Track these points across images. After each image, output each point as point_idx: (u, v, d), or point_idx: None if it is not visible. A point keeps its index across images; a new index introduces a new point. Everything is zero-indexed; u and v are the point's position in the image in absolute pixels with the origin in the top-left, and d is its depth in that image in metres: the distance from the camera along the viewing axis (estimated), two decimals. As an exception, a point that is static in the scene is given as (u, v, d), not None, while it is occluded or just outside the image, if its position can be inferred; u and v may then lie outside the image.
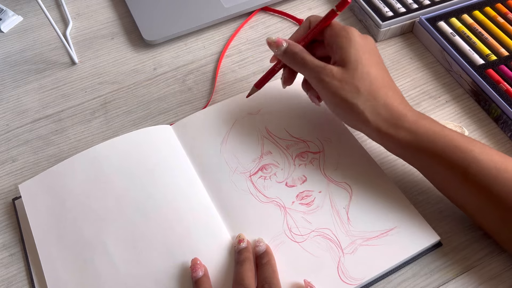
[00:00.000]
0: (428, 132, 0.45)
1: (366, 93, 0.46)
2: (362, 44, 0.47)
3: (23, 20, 0.71)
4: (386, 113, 0.46)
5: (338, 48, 0.47)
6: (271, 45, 0.50)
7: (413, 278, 0.45)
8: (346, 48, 0.47)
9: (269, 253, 0.45)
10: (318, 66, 0.47)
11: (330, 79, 0.46)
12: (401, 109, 0.46)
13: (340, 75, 0.46)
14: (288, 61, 0.50)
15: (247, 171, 0.51)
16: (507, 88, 0.56)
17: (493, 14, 0.64)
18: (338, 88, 0.46)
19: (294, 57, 0.49)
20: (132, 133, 0.53)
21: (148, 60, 0.65)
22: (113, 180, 0.50)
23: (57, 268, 0.46)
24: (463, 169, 0.43)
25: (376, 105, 0.46)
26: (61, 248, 0.47)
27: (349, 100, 0.46)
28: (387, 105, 0.46)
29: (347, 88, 0.46)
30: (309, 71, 0.48)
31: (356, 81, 0.46)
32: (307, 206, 0.48)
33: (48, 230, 0.48)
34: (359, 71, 0.46)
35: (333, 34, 0.48)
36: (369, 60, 0.47)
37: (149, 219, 0.47)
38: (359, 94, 0.46)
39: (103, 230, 0.47)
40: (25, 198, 0.50)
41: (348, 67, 0.46)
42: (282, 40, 0.49)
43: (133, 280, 0.44)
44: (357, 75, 0.46)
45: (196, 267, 0.43)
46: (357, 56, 0.46)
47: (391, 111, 0.46)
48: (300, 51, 0.49)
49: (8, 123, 0.59)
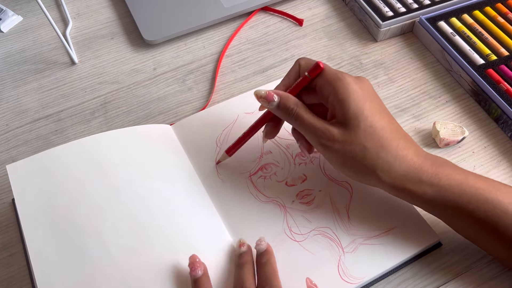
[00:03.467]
0: (450, 183, 0.41)
1: (374, 150, 0.41)
2: (360, 91, 0.42)
3: (23, 20, 0.71)
4: (401, 168, 0.41)
5: (334, 102, 0.42)
6: (261, 100, 0.45)
7: (413, 278, 0.45)
8: (343, 101, 0.42)
9: (269, 252, 0.44)
10: (317, 129, 0.43)
11: (332, 143, 0.42)
12: (417, 160, 0.42)
13: (343, 136, 0.42)
14: (282, 116, 0.45)
15: (247, 171, 0.51)
16: (507, 88, 0.56)
17: (493, 14, 0.64)
18: (343, 151, 0.42)
19: (289, 113, 0.44)
20: (132, 127, 0.53)
21: (148, 60, 0.65)
22: (113, 170, 0.49)
23: (45, 253, 0.44)
24: (493, 222, 0.41)
25: (388, 161, 0.41)
26: (52, 233, 0.45)
27: (357, 161, 0.42)
28: (401, 159, 0.41)
29: (352, 149, 0.41)
30: (307, 132, 0.44)
31: (361, 139, 0.41)
32: (307, 205, 0.48)
33: (37, 214, 0.46)
34: (362, 127, 0.41)
35: (326, 84, 0.43)
36: (371, 109, 0.42)
37: (149, 212, 0.47)
38: (366, 153, 0.41)
39: (100, 218, 0.46)
40: (13, 179, 0.48)
41: (350, 124, 0.41)
42: (273, 94, 0.44)
43: (129, 270, 0.43)
44: (361, 132, 0.41)
45: (196, 265, 0.42)
46: (358, 109, 0.41)
47: (406, 165, 0.41)
48: (295, 105, 0.44)
49: (8, 123, 0.59)
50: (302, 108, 0.44)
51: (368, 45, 0.65)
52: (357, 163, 0.42)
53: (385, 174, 0.41)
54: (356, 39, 0.66)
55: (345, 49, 0.65)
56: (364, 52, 0.64)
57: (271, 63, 0.64)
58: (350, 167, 0.43)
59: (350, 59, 0.64)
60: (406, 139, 0.43)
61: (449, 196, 0.41)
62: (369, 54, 0.64)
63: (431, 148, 0.54)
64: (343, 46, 0.65)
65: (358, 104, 0.42)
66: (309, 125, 0.43)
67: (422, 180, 0.41)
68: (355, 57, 0.64)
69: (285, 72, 0.61)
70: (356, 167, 0.42)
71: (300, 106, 0.44)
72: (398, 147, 0.41)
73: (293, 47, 0.65)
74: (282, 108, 0.44)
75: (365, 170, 0.42)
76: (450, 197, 0.41)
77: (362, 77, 0.45)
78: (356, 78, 0.44)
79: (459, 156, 0.54)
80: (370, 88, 0.44)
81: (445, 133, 0.54)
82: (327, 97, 0.43)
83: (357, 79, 0.44)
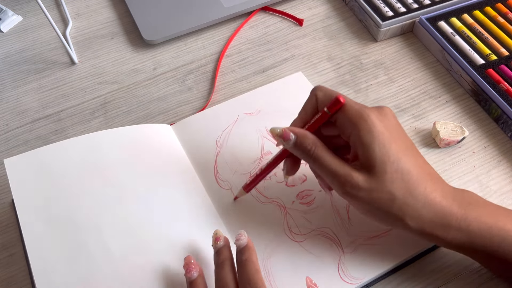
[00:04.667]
0: (480, 227, 0.39)
1: (402, 197, 0.39)
2: (386, 133, 0.39)
3: (22, 20, 0.71)
4: (429, 213, 0.39)
5: (357, 144, 0.40)
6: (277, 138, 0.42)
7: (413, 278, 0.45)
8: (368, 145, 0.39)
9: (250, 248, 0.41)
10: (339, 175, 0.39)
11: (357, 191, 0.39)
12: (446, 203, 0.39)
13: (368, 184, 0.39)
14: (299, 155, 0.42)
15: (247, 171, 0.51)
16: (507, 88, 0.56)
17: (494, 14, 0.64)
18: (368, 199, 0.39)
19: (306, 153, 0.41)
20: (132, 126, 0.53)
21: (148, 60, 0.65)
22: (112, 168, 0.49)
23: (44, 250, 0.44)
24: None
25: (416, 206, 0.39)
26: (51, 229, 0.45)
27: (384, 210, 0.39)
28: (429, 203, 0.39)
29: (379, 197, 0.39)
30: (328, 177, 0.40)
31: (388, 186, 0.39)
32: (307, 205, 0.48)
33: (36, 210, 0.46)
34: (388, 172, 0.39)
35: (348, 122, 0.40)
36: (398, 152, 0.39)
37: (148, 211, 0.47)
38: (394, 201, 0.39)
39: (100, 215, 0.46)
40: (11, 173, 0.48)
41: (375, 170, 0.39)
42: (289, 133, 0.41)
43: (128, 269, 0.43)
44: (388, 178, 0.39)
45: (190, 267, 0.41)
46: (384, 154, 0.39)
47: (434, 210, 0.39)
48: (314, 145, 0.41)
49: (8, 123, 0.59)
50: (321, 148, 0.41)
51: (368, 45, 0.65)
52: (383, 212, 0.39)
53: (413, 221, 0.39)
54: (356, 39, 0.66)
55: (345, 49, 0.65)
56: (364, 52, 0.64)
57: (271, 63, 0.64)
58: (376, 215, 0.40)
59: (350, 59, 0.64)
60: (432, 178, 0.40)
61: (479, 241, 0.39)
62: (369, 54, 0.64)
63: (431, 148, 0.54)
64: (343, 46, 0.65)
65: (384, 148, 0.39)
66: (330, 170, 0.40)
67: (451, 225, 0.39)
68: (355, 57, 0.64)
69: (285, 72, 0.62)
70: (383, 215, 0.40)
71: (319, 145, 0.41)
72: (425, 190, 0.39)
73: (293, 47, 0.65)
74: (299, 148, 0.41)
75: (393, 218, 0.40)
76: (480, 242, 0.39)
77: (384, 108, 0.42)
78: (378, 112, 0.41)
79: (459, 156, 0.54)
80: (394, 122, 0.41)
81: (445, 133, 0.54)
82: (349, 135, 0.40)
83: (380, 114, 0.41)
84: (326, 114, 0.41)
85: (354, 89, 0.60)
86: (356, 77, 0.61)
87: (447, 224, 0.39)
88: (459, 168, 0.53)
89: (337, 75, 0.62)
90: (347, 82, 0.61)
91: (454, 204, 0.40)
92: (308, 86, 0.58)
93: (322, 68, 0.63)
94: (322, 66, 0.63)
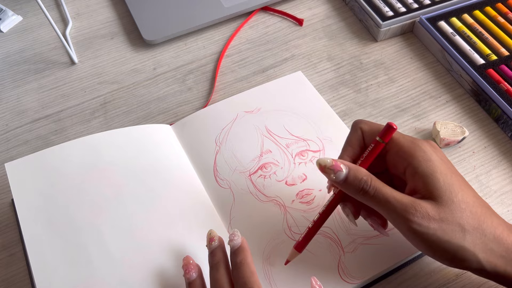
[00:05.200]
0: None
1: (472, 230, 0.36)
2: (444, 163, 0.37)
3: (22, 20, 0.71)
4: (499, 248, 0.36)
5: (418, 175, 0.37)
6: (325, 171, 0.38)
7: (413, 278, 0.45)
8: (431, 174, 0.37)
9: (245, 249, 0.40)
10: (405, 206, 0.36)
11: (428, 222, 0.36)
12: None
13: (438, 214, 0.36)
14: (353, 191, 0.38)
15: (247, 170, 0.51)
16: (508, 88, 0.56)
17: (494, 14, 0.64)
18: (438, 231, 0.36)
19: (362, 186, 0.37)
20: (132, 127, 0.53)
21: (148, 60, 0.65)
22: (112, 169, 0.49)
23: (44, 251, 0.44)
24: None
25: (486, 241, 0.36)
26: (51, 231, 0.45)
27: (455, 244, 0.36)
28: (498, 238, 0.37)
29: (451, 229, 0.36)
30: (388, 210, 0.37)
31: (457, 217, 0.36)
32: (307, 204, 0.48)
33: (36, 212, 0.46)
34: (456, 202, 0.36)
35: (404, 154, 0.38)
36: (459, 182, 0.37)
37: (148, 212, 0.47)
38: (465, 234, 0.36)
39: (99, 217, 0.46)
40: (12, 177, 0.48)
41: (443, 200, 0.36)
42: (340, 164, 0.38)
43: (128, 269, 0.43)
44: (456, 209, 0.36)
45: (190, 267, 0.41)
46: (447, 181, 0.37)
47: (505, 245, 0.37)
48: (369, 176, 0.38)
49: (8, 123, 0.59)
50: (379, 182, 0.37)
51: (368, 45, 0.65)
52: (454, 248, 0.36)
53: (485, 257, 0.36)
54: (356, 39, 0.66)
55: (345, 49, 0.65)
56: (364, 52, 0.64)
57: (271, 63, 0.64)
58: (444, 253, 0.37)
59: (350, 59, 0.64)
60: (493, 212, 0.38)
61: None
62: (369, 54, 0.64)
63: (431, 148, 0.54)
64: (343, 46, 0.65)
65: (447, 177, 0.37)
66: (393, 202, 0.36)
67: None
68: (355, 57, 0.64)
69: (285, 72, 0.62)
70: (452, 252, 0.36)
71: (374, 178, 0.38)
72: (492, 224, 0.37)
73: (293, 47, 0.65)
74: (353, 181, 0.38)
75: (463, 254, 0.36)
76: None
77: (431, 141, 0.40)
78: (430, 144, 0.39)
79: (459, 156, 0.54)
80: (443, 154, 0.40)
81: (445, 133, 0.53)
82: (403, 168, 0.38)
83: (431, 145, 0.39)
84: (380, 144, 0.39)
85: (354, 89, 0.60)
86: (356, 77, 0.61)
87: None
88: (460, 168, 0.53)
89: (337, 75, 0.62)
90: (347, 82, 0.61)
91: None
92: (307, 85, 0.58)
93: (322, 68, 0.63)
94: (322, 66, 0.63)
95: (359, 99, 0.59)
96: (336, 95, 0.60)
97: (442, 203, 0.36)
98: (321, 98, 0.57)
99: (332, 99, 0.59)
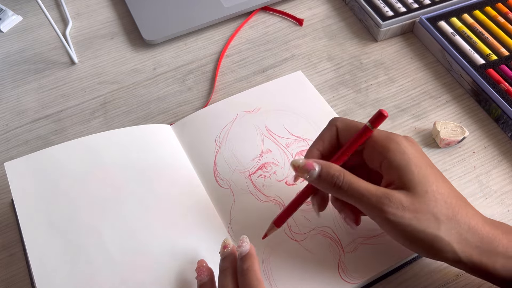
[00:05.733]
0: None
1: (446, 220, 0.37)
2: (419, 155, 0.38)
3: (22, 20, 0.71)
4: (474, 238, 0.37)
5: (393, 168, 0.38)
6: (299, 171, 0.39)
7: (413, 278, 0.45)
8: (405, 166, 0.38)
9: (252, 256, 0.40)
10: (379, 197, 0.37)
11: (402, 212, 0.36)
12: (489, 230, 0.38)
13: (412, 204, 0.37)
14: (326, 187, 0.39)
15: (247, 170, 0.51)
16: (508, 88, 0.56)
17: (494, 14, 0.64)
18: (413, 221, 0.36)
19: (335, 182, 0.38)
20: (132, 127, 0.53)
21: (148, 60, 0.65)
22: (112, 170, 0.49)
23: (44, 252, 0.44)
24: None
25: (461, 231, 0.37)
26: (51, 232, 0.45)
27: (430, 233, 0.37)
28: (473, 228, 0.37)
29: (425, 218, 0.36)
30: (364, 202, 0.38)
31: (431, 207, 0.37)
32: (307, 204, 0.48)
33: (36, 212, 0.46)
34: (430, 192, 0.37)
35: (379, 148, 0.39)
36: (434, 174, 0.38)
37: (148, 212, 0.47)
38: (440, 224, 0.37)
39: (99, 218, 0.46)
40: (11, 176, 0.48)
41: (417, 191, 0.37)
42: (312, 163, 0.39)
43: (129, 270, 0.43)
44: (431, 198, 0.37)
45: (202, 270, 0.41)
46: (421, 173, 0.38)
47: (479, 236, 0.37)
48: (341, 172, 0.38)
49: (8, 123, 0.59)
50: (350, 175, 0.38)
51: (368, 45, 0.65)
52: (429, 238, 0.37)
53: (460, 247, 0.37)
54: (356, 39, 0.66)
55: (345, 49, 0.65)
56: (364, 52, 0.64)
57: (271, 63, 0.64)
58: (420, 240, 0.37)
59: (350, 59, 0.64)
60: (469, 204, 0.39)
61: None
62: (369, 54, 0.64)
63: (432, 148, 0.54)
64: (343, 46, 0.65)
65: (421, 169, 0.38)
66: (366, 194, 0.37)
67: (498, 252, 0.37)
68: (355, 57, 0.64)
69: (285, 72, 0.62)
70: (428, 240, 0.37)
71: (347, 173, 0.38)
72: (467, 215, 0.38)
73: (293, 47, 0.65)
74: (325, 178, 0.38)
75: (440, 244, 0.37)
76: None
77: (408, 136, 0.41)
78: (406, 138, 0.40)
79: (459, 156, 0.54)
80: (420, 149, 0.41)
81: (445, 133, 0.53)
82: (379, 162, 0.39)
83: (407, 139, 0.40)
84: (368, 130, 0.39)
85: (354, 89, 0.60)
86: (356, 77, 0.61)
87: (493, 250, 0.37)
88: (460, 168, 0.53)
89: (337, 75, 0.62)
90: (347, 82, 0.61)
91: (497, 231, 0.38)
92: (307, 84, 0.58)
93: (322, 68, 0.63)
94: (322, 66, 0.63)
95: (359, 99, 0.59)
96: (336, 95, 0.60)
97: (416, 193, 0.37)
98: (321, 98, 0.57)
99: (332, 99, 0.59)
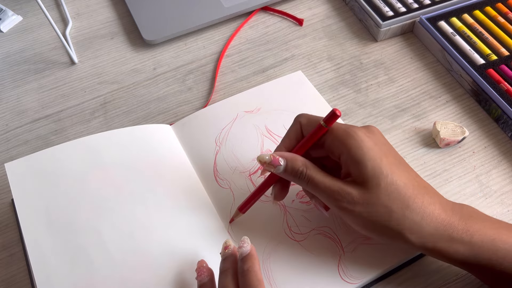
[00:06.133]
0: (483, 240, 0.39)
1: (400, 210, 0.38)
2: (375, 148, 0.40)
3: (22, 20, 0.71)
4: (429, 226, 0.38)
5: (349, 162, 0.40)
6: (266, 166, 0.41)
7: (413, 278, 0.45)
8: (359, 161, 0.39)
9: (253, 257, 0.40)
10: (333, 192, 0.39)
11: (353, 206, 0.39)
12: (445, 216, 0.39)
13: (363, 198, 0.39)
14: (291, 179, 0.42)
15: (247, 170, 0.51)
16: (508, 88, 0.56)
17: (494, 14, 0.64)
18: (365, 213, 0.39)
19: (298, 176, 0.41)
20: (132, 127, 0.53)
21: (148, 60, 0.65)
22: (112, 169, 0.49)
23: (44, 252, 0.44)
24: None
25: (415, 220, 0.38)
26: (51, 232, 0.45)
27: (382, 224, 0.39)
28: (428, 217, 0.39)
29: (376, 210, 0.39)
30: (322, 195, 0.40)
31: (384, 199, 0.38)
32: (307, 204, 0.48)
33: (36, 212, 0.46)
34: (383, 186, 0.38)
35: (336, 142, 0.41)
36: (390, 165, 0.39)
37: (148, 212, 0.47)
38: (392, 214, 0.38)
39: (99, 217, 0.46)
40: (11, 177, 0.48)
41: (370, 184, 0.39)
42: (278, 159, 0.41)
43: (129, 270, 0.43)
44: (383, 191, 0.38)
45: (202, 270, 0.41)
46: (376, 168, 0.39)
47: (435, 223, 0.39)
48: (304, 167, 0.41)
49: (8, 123, 0.59)
50: (312, 169, 0.41)
51: (368, 45, 0.65)
52: (382, 226, 0.39)
53: (413, 235, 0.39)
54: (356, 39, 0.66)
55: (345, 49, 0.65)
56: (364, 52, 0.64)
57: (271, 63, 0.64)
58: (374, 229, 0.40)
59: (350, 59, 0.64)
60: (429, 192, 0.40)
61: (483, 254, 0.39)
62: (369, 54, 0.64)
63: (432, 148, 0.54)
64: (343, 46, 0.65)
65: (375, 163, 0.39)
66: (323, 188, 0.40)
67: (453, 238, 0.39)
68: (355, 57, 0.64)
69: (285, 72, 0.62)
70: (381, 229, 0.39)
71: (309, 166, 0.41)
72: (423, 204, 0.39)
73: (293, 47, 0.65)
74: (290, 172, 0.41)
75: (392, 232, 0.39)
76: (484, 255, 0.39)
77: (371, 126, 0.42)
78: (366, 130, 0.41)
79: (459, 156, 0.54)
80: (382, 140, 0.42)
81: (445, 133, 0.53)
82: (339, 155, 0.41)
83: (367, 131, 0.41)
84: (323, 128, 0.41)
85: (354, 89, 0.60)
86: (356, 77, 0.61)
87: (449, 236, 0.39)
88: (460, 168, 0.53)
89: (337, 75, 0.62)
90: (347, 82, 0.61)
91: (454, 217, 0.39)
92: (307, 84, 0.58)
93: (322, 68, 0.63)
94: (322, 66, 0.63)
95: (359, 99, 0.59)
96: (336, 95, 0.60)
97: (368, 187, 0.39)
98: (321, 98, 0.57)
99: (332, 99, 0.59)
